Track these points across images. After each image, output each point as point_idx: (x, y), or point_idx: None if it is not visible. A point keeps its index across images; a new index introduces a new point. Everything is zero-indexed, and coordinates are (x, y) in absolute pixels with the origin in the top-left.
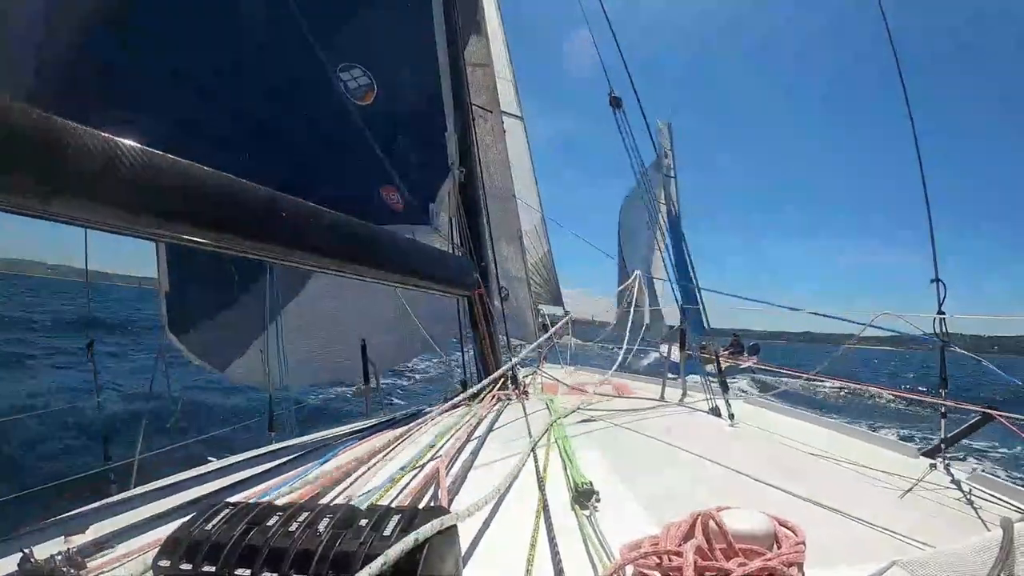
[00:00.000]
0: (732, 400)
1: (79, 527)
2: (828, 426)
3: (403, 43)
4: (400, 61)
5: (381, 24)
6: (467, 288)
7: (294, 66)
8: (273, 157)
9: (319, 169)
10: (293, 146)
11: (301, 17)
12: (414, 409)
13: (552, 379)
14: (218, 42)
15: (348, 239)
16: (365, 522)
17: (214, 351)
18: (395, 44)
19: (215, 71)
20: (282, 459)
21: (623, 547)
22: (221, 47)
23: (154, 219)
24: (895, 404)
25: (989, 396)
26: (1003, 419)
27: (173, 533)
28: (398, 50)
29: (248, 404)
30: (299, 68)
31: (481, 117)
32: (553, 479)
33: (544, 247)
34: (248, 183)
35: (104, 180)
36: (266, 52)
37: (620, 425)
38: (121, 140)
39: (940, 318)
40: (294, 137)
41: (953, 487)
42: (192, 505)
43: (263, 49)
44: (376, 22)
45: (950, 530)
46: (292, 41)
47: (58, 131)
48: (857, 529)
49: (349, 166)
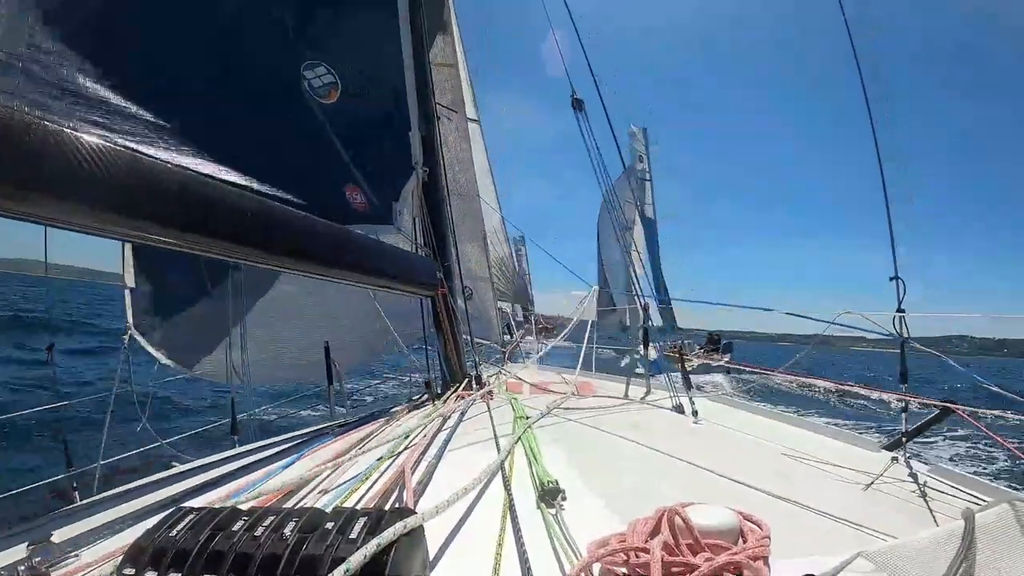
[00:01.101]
0: (696, 397)
1: (42, 535)
2: (790, 422)
3: (368, 40)
4: (365, 59)
5: (346, 21)
6: (431, 288)
7: (260, 64)
8: (237, 156)
9: (283, 168)
10: (257, 145)
11: (268, 13)
12: (379, 410)
13: (516, 379)
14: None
15: (312, 239)
16: (331, 525)
17: (180, 350)
18: (360, 41)
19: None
20: (247, 462)
21: (590, 545)
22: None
23: (117, 218)
24: (861, 401)
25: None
26: (962, 412)
27: (137, 540)
28: (363, 47)
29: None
30: (264, 66)
31: (446, 117)
32: (519, 478)
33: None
34: (213, 182)
35: (65, 178)
36: (232, 48)
37: (585, 423)
38: (83, 136)
39: (900, 316)
40: (259, 136)
41: (915, 480)
42: (157, 510)
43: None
44: (341, 19)
45: (913, 522)
46: (258, 38)
47: (18, 127)
48: (821, 522)
49: (312, 165)
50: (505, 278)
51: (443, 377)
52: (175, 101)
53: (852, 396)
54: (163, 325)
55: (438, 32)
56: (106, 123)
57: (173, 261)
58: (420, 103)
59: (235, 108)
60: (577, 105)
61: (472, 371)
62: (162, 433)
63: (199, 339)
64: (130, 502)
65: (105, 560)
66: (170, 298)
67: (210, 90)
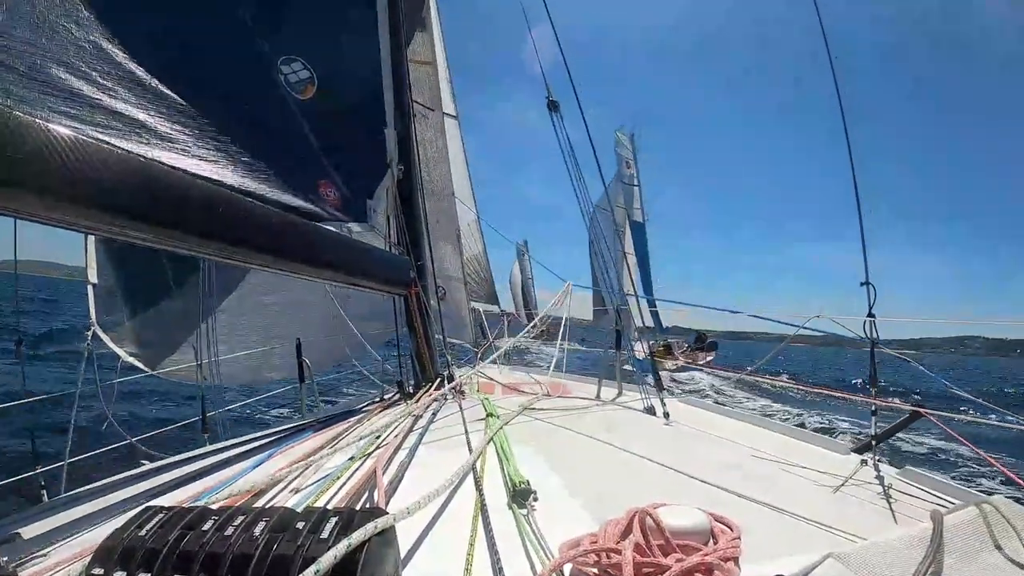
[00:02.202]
0: (667, 399)
1: (9, 534)
2: (761, 424)
3: (346, 36)
4: (342, 55)
5: (323, 16)
6: (403, 286)
7: (234, 58)
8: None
9: (257, 164)
10: (231, 140)
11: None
12: (350, 409)
13: (488, 379)
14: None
15: (283, 236)
16: (302, 525)
17: (146, 347)
18: (337, 37)
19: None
20: (217, 460)
21: (562, 545)
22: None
23: (80, 210)
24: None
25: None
26: (930, 416)
27: (106, 540)
28: (340, 43)
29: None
30: (240, 59)
31: (422, 115)
32: (490, 478)
33: (479, 246)
34: (182, 174)
35: (30, 168)
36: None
37: (556, 424)
38: (51, 126)
39: (870, 320)
40: (232, 130)
41: (883, 482)
42: (126, 509)
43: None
44: (318, 14)
45: (882, 523)
46: (232, 31)
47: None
48: (792, 523)
49: (286, 161)
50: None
51: (415, 377)
52: (148, 93)
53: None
54: (127, 323)
55: (417, 29)
56: (77, 114)
57: (138, 257)
58: (397, 100)
59: (209, 102)
60: (552, 107)
61: (444, 371)
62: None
63: (164, 337)
64: (99, 500)
65: (74, 559)
66: (134, 295)
67: (184, 82)
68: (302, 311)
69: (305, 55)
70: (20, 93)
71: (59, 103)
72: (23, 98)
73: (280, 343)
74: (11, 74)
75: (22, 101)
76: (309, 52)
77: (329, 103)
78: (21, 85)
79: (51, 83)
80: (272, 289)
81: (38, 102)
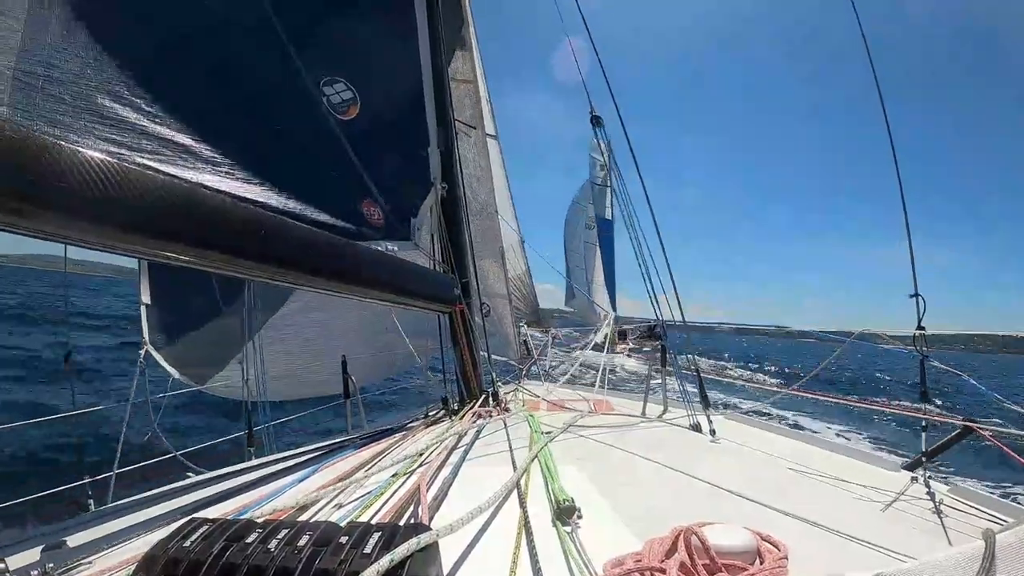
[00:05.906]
0: (713, 416)
1: (56, 541)
2: (809, 440)
3: (387, 56)
4: (384, 75)
5: (365, 37)
6: (448, 304)
7: (277, 80)
8: (255, 173)
9: (300, 185)
10: (275, 162)
11: (284, 30)
12: (395, 425)
13: (533, 396)
14: (198, 56)
15: (329, 257)
16: (345, 539)
17: (194, 365)
18: (379, 57)
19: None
20: (262, 474)
21: (606, 564)
22: (201, 61)
23: (132, 236)
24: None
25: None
26: (982, 431)
27: (151, 550)
28: (382, 63)
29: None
30: (282, 82)
31: (464, 133)
32: (534, 495)
33: (523, 264)
34: (228, 200)
35: (80, 197)
36: (248, 66)
37: (601, 441)
38: (96, 155)
39: (920, 333)
40: (277, 153)
41: (934, 500)
42: (171, 520)
43: (246, 63)
44: (360, 35)
45: (932, 543)
46: (275, 55)
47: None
48: (840, 542)
49: (330, 182)
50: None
51: (460, 393)
52: (193, 119)
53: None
54: (178, 341)
55: (457, 48)
56: (125, 142)
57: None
58: (439, 119)
59: (253, 125)
60: (596, 122)
61: (489, 388)
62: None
63: (213, 355)
64: (144, 511)
65: (118, 568)
66: (185, 314)
67: (228, 108)
68: (348, 327)
69: (348, 75)
70: (67, 122)
71: (106, 130)
72: (69, 126)
73: (326, 359)
74: (60, 104)
75: (69, 129)
76: (352, 72)
77: (372, 123)
78: (69, 115)
79: (97, 111)
80: (318, 306)
81: (84, 130)
